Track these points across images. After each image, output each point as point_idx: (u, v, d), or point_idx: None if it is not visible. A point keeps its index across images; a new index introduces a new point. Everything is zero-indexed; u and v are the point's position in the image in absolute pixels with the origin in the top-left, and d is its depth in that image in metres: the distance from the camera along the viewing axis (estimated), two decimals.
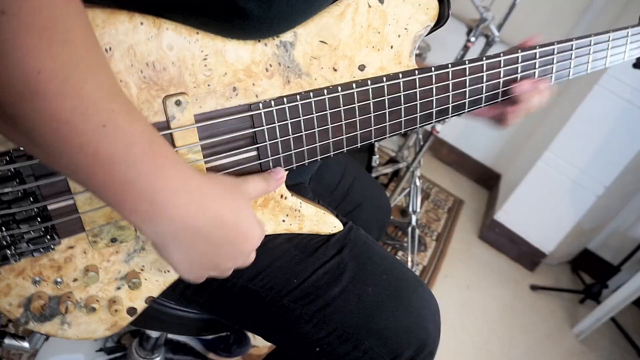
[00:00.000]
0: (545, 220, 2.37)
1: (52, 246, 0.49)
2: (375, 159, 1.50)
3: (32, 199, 0.45)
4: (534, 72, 0.70)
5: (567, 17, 2.49)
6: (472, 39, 1.83)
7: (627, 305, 1.97)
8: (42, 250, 0.48)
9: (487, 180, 3.12)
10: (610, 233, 2.60)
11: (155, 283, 0.57)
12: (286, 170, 0.59)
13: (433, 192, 2.79)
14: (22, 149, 0.43)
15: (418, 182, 1.93)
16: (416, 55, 0.64)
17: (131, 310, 0.58)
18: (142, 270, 0.56)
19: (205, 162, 0.53)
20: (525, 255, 2.47)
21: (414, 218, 1.96)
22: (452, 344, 1.81)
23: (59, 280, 0.51)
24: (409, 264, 1.98)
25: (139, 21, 0.44)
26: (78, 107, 0.35)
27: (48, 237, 0.48)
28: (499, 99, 0.70)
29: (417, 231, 2.07)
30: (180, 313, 0.74)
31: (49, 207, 0.47)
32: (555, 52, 0.71)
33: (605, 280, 2.29)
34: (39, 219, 0.47)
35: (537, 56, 0.70)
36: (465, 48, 1.88)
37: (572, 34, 2.48)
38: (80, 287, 0.53)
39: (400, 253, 2.10)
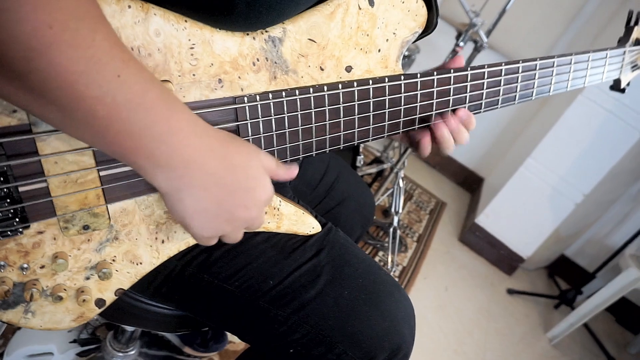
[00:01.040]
0: (524, 226, 2.40)
1: (20, 230, 0.47)
2: (360, 159, 1.50)
3: (2, 179, 0.44)
4: (516, 86, 0.71)
5: (555, 25, 2.52)
6: (461, 43, 1.84)
7: (600, 312, 2.01)
8: (9, 233, 0.47)
9: (470, 184, 3.16)
10: (587, 240, 2.65)
11: (126, 275, 0.56)
12: None
13: (416, 194, 2.80)
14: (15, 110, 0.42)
15: (401, 183, 1.94)
16: (405, 56, 0.64)
17: (100, 302, 0.56)
18: (113, 260, 0.54)
19: None
20: (503, 259, 2.50)
21: (395, 219, 1.97)
22: (428, 345, 1.83)
23: (25, 266, 0.50)
24: (389, 264, 1.99)
25: (127, 4, 0.43)
26: (92, 57, 0.35)
27: (17, 219, 0.46)
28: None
29: (399, 232, 2.08)
30: (156, 309, 0.73)
31: (20, 189, 0.45)
32: (538, 67, 0.72)
33: (580, 287, 2.34)
34: (9, 200, 0.45)
35: (520, 70, 0.71)
36: (454, 52, 1.89)
37: (559, 43, 2.53)
38: (48, 275, 0.51)
39: (380, 253, 2.11)
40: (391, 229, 2.00)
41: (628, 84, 0.92)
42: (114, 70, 0.37)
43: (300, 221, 0.66)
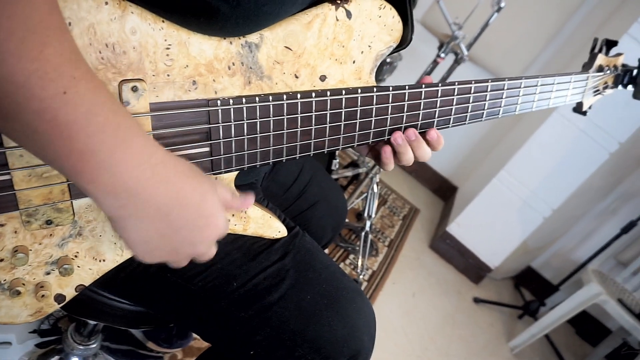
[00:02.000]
0: (494, 236, 2.46)
1: None
2: (335, 163, 1.51)
3: None
4: (484, 104, 0.73)
5: (535, 44, 2.59)
6: (442, 54, 1.87)
7: (561, 324, 2.07)
8: None
9: (444, 192, 3.21)
10: (553, 254, 2.73)
11: (88, 271, 0.56)
12: (237, 170, 0.59)
13: (390, 199, 2.83)
14: None
15: (375, 188, 1.96)
16: (387, 63, 0.64)
17: (59, 297, 0.56)
18: (75, 256, 0.54)
19: None
20: (471, 268, 2.55)
21: (368, 223, 1.99)
22: (392, 350, 1.85)
23: None
24: (359, 268, 2.00)
25: (104, 0, 0.43)
26: (37, 70, 0.33)
27: None
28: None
29: (370, 236, 2.10)
30: (118, 305, 0.72)
31: None
32: (506, 87, 0.74)
33: (543, 298, 2.40)
34: None
35: (489, 89, 0.73)
36: (435, 63, 1.92)
37: (538, 61, 2.59)
38: (6, 269, 0.51)
39: (351, 256, 2.12)
40: (363, 233, 2.02)
41: (590, 107, 0.96)
42: (60, 87, 0.35)
43: (267, 225, 0.67)
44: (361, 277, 1.99)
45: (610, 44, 0.91)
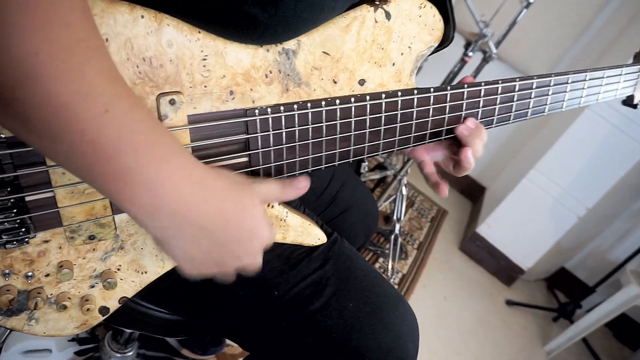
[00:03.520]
0: (526, 237, 2.40)
1: (26, 239, 0.47)
2: (364, 166, 1.49)
3: (9, 189, 0.43)
4: (529, 102, 0.71)
5: (563, 39, 2.52)
6: (470, 53, 1.83)
7: (599, 327, 2.00)
8: (15, 242, 0.46)
9: (472, 192, 3.15)
10: (588, 254, 2.64)
11: (131, 284, 0.56)
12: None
13: (418, 201, 2.80)
14: (2, 136, 0.41)
15: (404, 191, 1.94)
16: None
17: (103, 310, 0.56)
18: (118, 269, 0.54)
19: None
20: (503, 270, 2.49)
21: (397, 226, 1.96)
22: (424, 355, 1.82)
23: (30, 274, 0.49)
24: (390, 271, 1.98)
25: (140, 14, 0.42)
26: (79, 90, 0.33)
27: (23, 229, 0.46)
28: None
29: (400, 239, 2.07)
30: (157, 314, 0.72)
31: (27, 199, 0.45)
32: (552, 84, 0.71)
33: (579, 300, 2.33)
34: (15, 210, 0.45)
35: (534, 86, 0.70)
36: (462, 62, 1.88)
37: (566, 57, 2.53)
38: (52, 283, 0.51)
39: (381, 260, 2.10)
40: (392, 236, 1.99)
41: None
42: (102, 106, 0.34)
43: (306, 232, 0.66)
44: (391, 280, 1.96)
45: None
